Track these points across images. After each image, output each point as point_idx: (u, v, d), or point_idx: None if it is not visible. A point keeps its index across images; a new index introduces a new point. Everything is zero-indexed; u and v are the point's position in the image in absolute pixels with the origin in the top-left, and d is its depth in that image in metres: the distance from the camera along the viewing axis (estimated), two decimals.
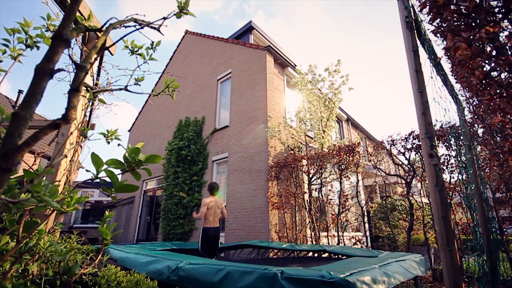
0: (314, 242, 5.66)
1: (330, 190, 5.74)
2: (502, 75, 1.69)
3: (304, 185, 6.29)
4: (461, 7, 1.64)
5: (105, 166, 0.76)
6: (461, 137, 3.24)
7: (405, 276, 2.18)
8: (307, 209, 5.88)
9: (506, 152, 2.40)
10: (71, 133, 1.61)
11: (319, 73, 7.60)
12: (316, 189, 6.08)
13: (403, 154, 5.04)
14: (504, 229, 4.66)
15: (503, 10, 1.55)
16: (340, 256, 3.77)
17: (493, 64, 1.65)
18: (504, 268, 3.71)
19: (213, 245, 3.81)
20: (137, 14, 0.97)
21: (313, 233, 5.69)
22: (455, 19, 1.71)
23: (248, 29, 10.16)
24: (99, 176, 0.78)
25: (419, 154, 4.85)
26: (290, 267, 1.70)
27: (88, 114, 1.92)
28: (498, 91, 1.59)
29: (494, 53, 1.62)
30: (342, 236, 5.35)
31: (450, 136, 4.12)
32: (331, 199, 5.79)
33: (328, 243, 5.89)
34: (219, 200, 4.22)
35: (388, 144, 5.25)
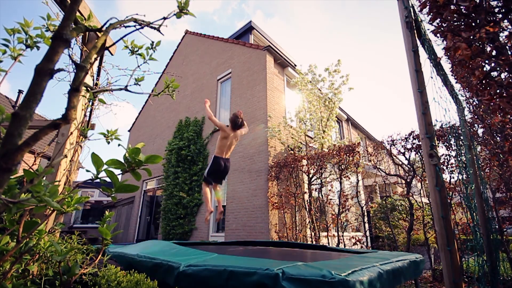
0: (314, 242, 5.65)
1: (330, 190, 5.74)
2: (502, 75, 1.69)
3: (304, 185, 6.29)
4: (461, 7, 1.64)
5: (105, 166, 0.76)
6: (461, 137, 3.24)
7: (406, 275, 2.18)
8: (307, 209, 5.88)
9: (506, 152, 2.40)
10: (71, 133, 1.61)
11: (319, 73, 7.61)
12: (316, 189, 6.08)
13: (403, 154, 5.04)
14: (504, 229, 4.66)
15: (503, 10, 1.55)
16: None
17: (493, 64, 1.65)
18: (504, 268, 3.71)
19: (221, 174, 3.76)
20: (137, 14, 0.97)
21: (313, 233, 5.69)
22: (455, 19, 1.71)
23: (248, 29, 10.16)
24: (99, 176, 0.78)
25: (419, 154, 4.85)
26: (291, 264, 1.69)
27: (88, 114, 1.92)
28: (498, 91, 1.59)
29: (494, 53, 1.62)
30: (342, 236, 5.35)
31: (450, 136, 4.12)
32: (331, 199, 5.79)
33: (328, 243, 5.89)
34: (241, 131, 3.85)
35: (388, 144, 5.25)
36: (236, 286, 1.72)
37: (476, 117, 3.57)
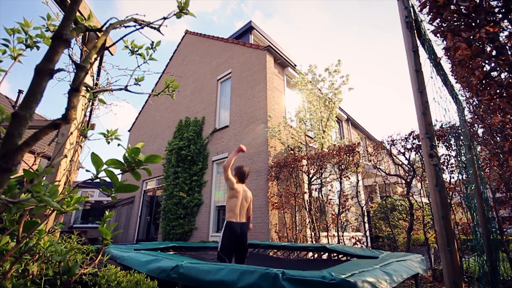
0: (314, 242, 5.66)
1: (330, 190, 5.73)
2: (502, 75, 1.69)
3: (304, 185, 6.29)
4: (461, 7, 1.64)
5: (105, 166, 0.76)
6: (461, 137, 3.24)
7: (406, 276, 2.18)
8: (307, 209, 5.88)
9: (506, 152, 2.40)
10: (71, 133, 1.61)
11: (319, 73, 7.61)
12: (316, 189, 6.08)
13: (403, 154, 5.04)
14: (504, 229, 4.66)
15: (503, 10, 1.55)
16: (340, 256, 3.77)
17: (493, 64, 1.65)
18: (504, 268, 3.70)
19: (240, 245, 2.91)
20: (137, 14, 0.97)
21: (313, 233, 5.69)
22: (455, 19, 1.71)
23: (248, 29, 10.16)
24: (99, 176, 0.78)
25: (419, 154, 4.85)
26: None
27: (88, 114, 1.92)
28: (498, 91, 1.59)
29: (494, 53, 1.62)
30: (342, 236, 5.35)
31: (450, 136, 4.12)
32: (331, 199, 5.79)
33: (328, 243, 5.89)
34: (248, 191, 3.25)
35: (388, 144, 5.24)
36: (236, 284, 1.72)
37: (476, 117, 3.57)
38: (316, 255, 4.17)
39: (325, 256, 4.07)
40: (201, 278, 1.86)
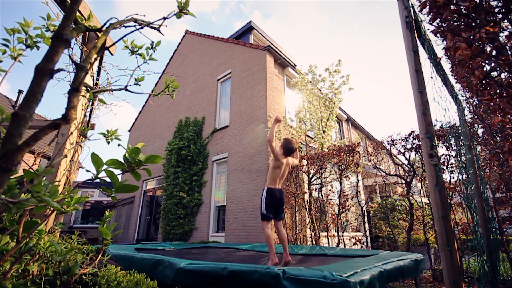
0: (314, 242, 5.66)
1: (330, 190, 5.73)
2: (502, 75, 1.69)
3: (304, 185, 6.28)
4: (461, 7, 1.64)
5: (105, 166, 0.76)
6: (461, 137, 3.24)
7: (406, 275, 2.18)
8: (307, 209, 5.88)
9: (506, 152, 2.39)
10: (71, 133, 1.61)
11: (319, 73, 7.61)
12: (316, 189, 6.08)
13: (403, 154, 5.04)
14: (504, 229, 4.66)
15: (503, 10, 1.55)
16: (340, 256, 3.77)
17: (493, 64, 1.65)
18: (504, 268, 3.70)
19: (277, 207, 3.20)
20: (137, 14, 0.97)
21: (313, 233, 5.68)
22: (455, 19, 1.71)
23: (248, 29, 10.16)
24: (99, 176, 0.78)
25: (419, 154, 4.85)
26: (291, 266, 1.70)
27: (88, 114, 1.92)
28: (498, 91, 1.59)
29: (494, 53, 1.62)
30: (342, 236, 5.35)
31: (450, 136, 4.12)
32: (331, 199, 5.78)
33: (328, 243, 5.89)
34: (291, 159, 3.41)
35: (388, 144, 5.24)
36: (237, 284, 1.72)
37: (476, 117, 3.57)
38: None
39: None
40: (202, 279, 1.86)
